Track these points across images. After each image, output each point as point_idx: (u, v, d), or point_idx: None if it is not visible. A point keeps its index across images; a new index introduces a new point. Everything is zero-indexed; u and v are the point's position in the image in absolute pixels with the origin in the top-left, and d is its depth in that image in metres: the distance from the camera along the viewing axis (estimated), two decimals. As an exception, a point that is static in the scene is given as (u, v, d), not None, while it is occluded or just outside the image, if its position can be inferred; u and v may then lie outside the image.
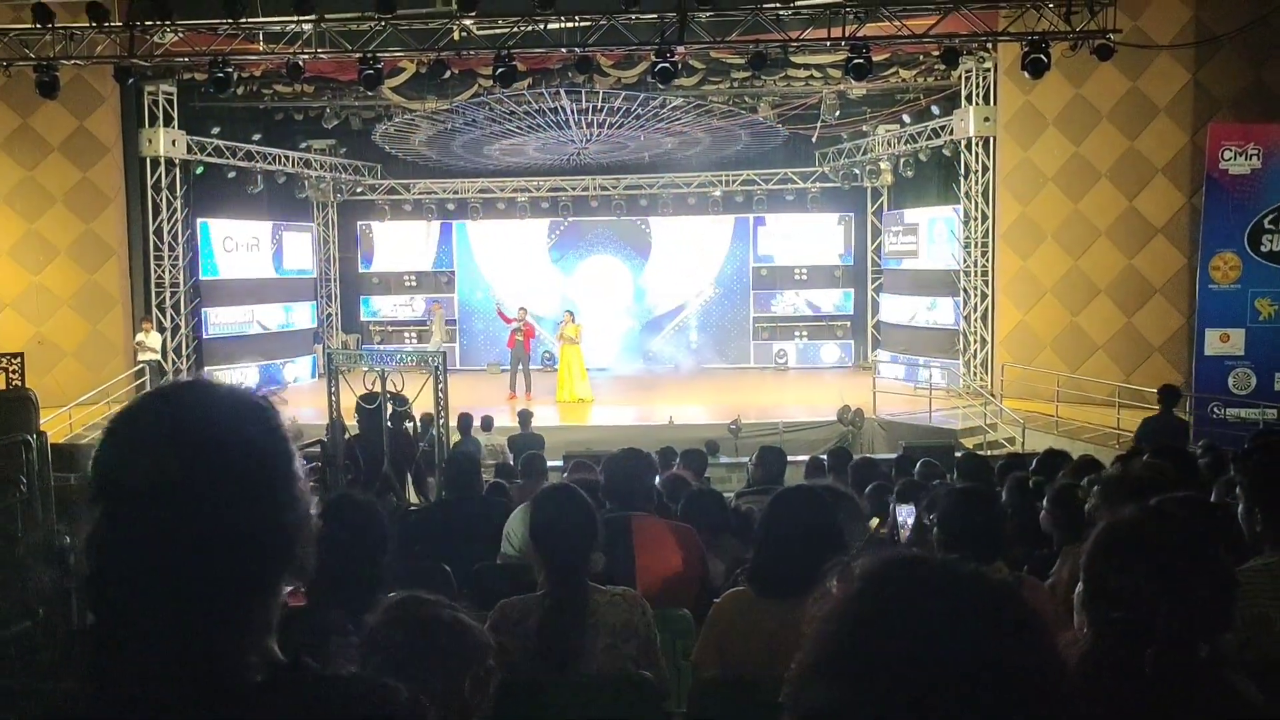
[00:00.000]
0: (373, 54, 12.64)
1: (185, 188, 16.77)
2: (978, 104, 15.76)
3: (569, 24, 12.89)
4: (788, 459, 7.03)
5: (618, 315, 21.10)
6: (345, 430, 9.20)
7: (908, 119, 18.14)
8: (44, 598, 4.65)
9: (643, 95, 15.38)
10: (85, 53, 12.99)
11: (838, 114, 18.03)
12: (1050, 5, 12.41)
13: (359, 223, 21.76)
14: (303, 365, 19.54)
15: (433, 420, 10.40)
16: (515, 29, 12.78)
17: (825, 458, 8.15)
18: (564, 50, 13.41)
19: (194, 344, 17.24)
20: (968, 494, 3.33)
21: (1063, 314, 15.41)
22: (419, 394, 9.90)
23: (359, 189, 21.35)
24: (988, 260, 16.08)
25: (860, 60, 12.24)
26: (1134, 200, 14.78)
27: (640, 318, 21.31)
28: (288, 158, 18.89)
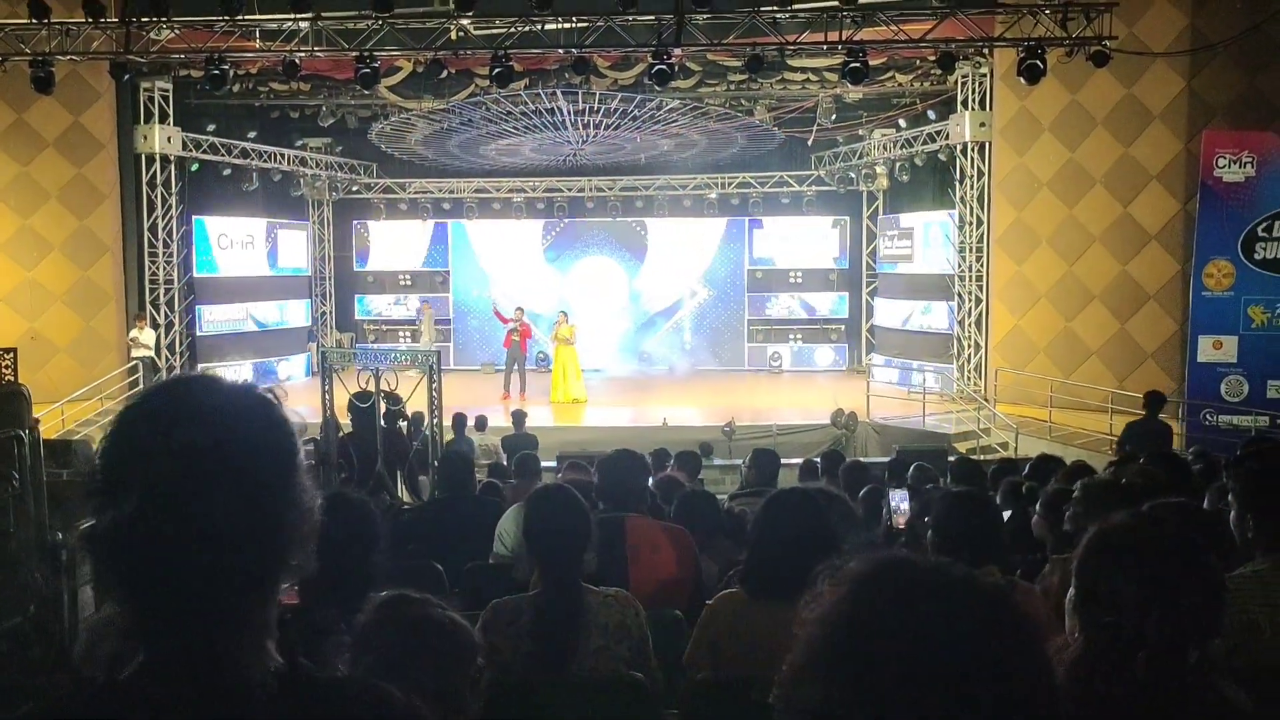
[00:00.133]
0: (369, 53, 12.64)
1: (180, 185, 16.73)
2: (973, 109, 15.78)
3: (566, 25, 12.90)
4: (781, 462, 7.03)
5: (613, 316, 21.10)
6: (339, 428, 9.20)
7: (903, 123, 18.17)
8: (36, 594, 4.64)
9: (639, 97, 15.37)
10: (81, 48, 12.97)
11: (834, 118, 18.04)
12: (1046, 11, 12.45)
13: (354, 221, 21.75)
14: (297, 363, 19.51)
15: (422, 419, 10.42)
16: (512, 29, 12.78)
17: (819, 461, 8.16)
18: (561, 51, 13.41)
19: (188, 341, 17.19)
20: (963, 498, 3.33)
21: (1057, 319, 15.43)
22: (413, 393, 9.91)
23: (355, 188, 21.32)
24: (982, 265, 16.10)
25: (857, 64, 12.27)
26: (1128, 206, 14.82)
27: (635, 319, 21.32)
28: (283, 155, 18.86)
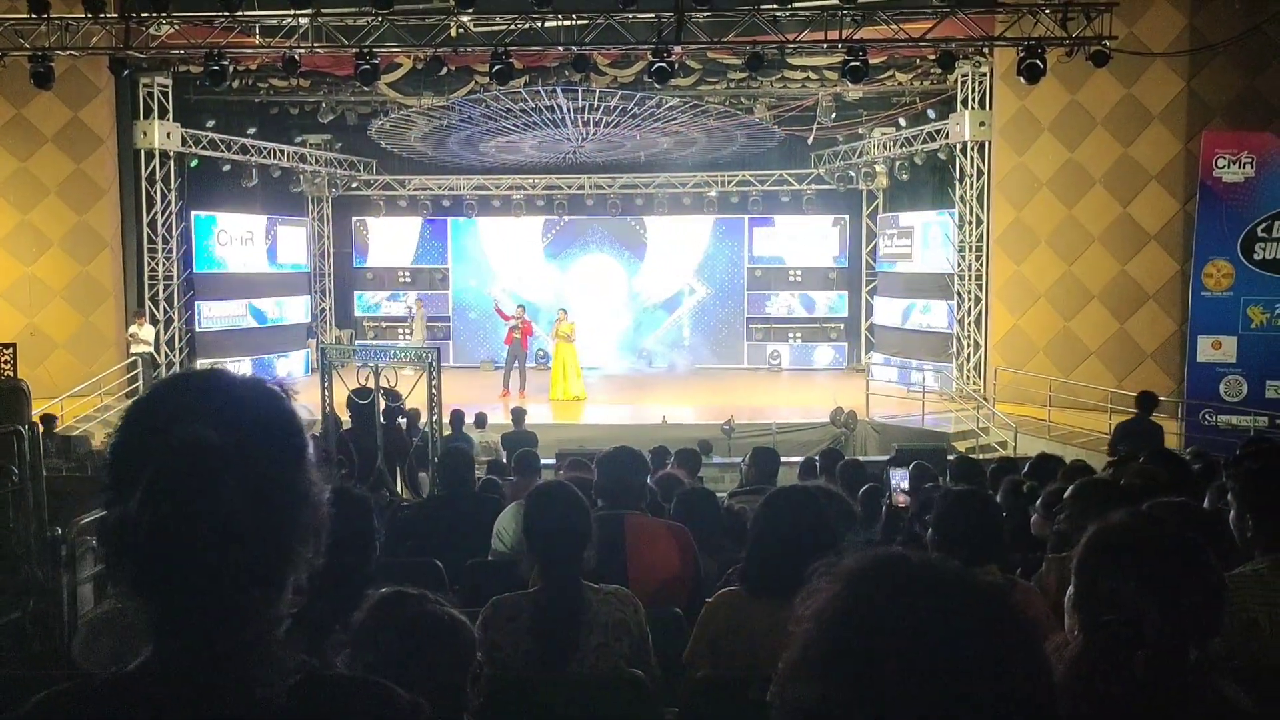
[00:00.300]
0: (369, 49, 12.64)
1: (179, 180, 16.72)
2: (973, 108, 15.78)
3: (566, 22, 12.90)
4: (781, 460, 7.03)
5: (613, 314, 21.10)
6: (340, 424, 9.21)
7: (903, 122, 18.17)
8: (35, 589, 4.64)
9: (639, 95, 15.37)
10: (80, 44, 12.96)
11: (834, 116, 18.05)
12: (1047, 11, 12.45)
13: (354, 218, 21.75)
14: (296, 360, 19.50)
15: (418, 416, 10.42)
16: (512, 26, 12.79)
17: (818, 459, 8.16)
18: (561, 48, 13.42)
19: (187, 337, 17.18)
20: (965, 497, 3.33)
21: (1056, 319, 15.44)
22: (412, 390, 9.91)
23: (354, 184, 21.31)
24: (981, 264, 16.11)
25: (857, 63, 12.28)
26: (1128, 206, 14.83)
27: (636, 313, 21.32)
28: (283, 152, 18.84)
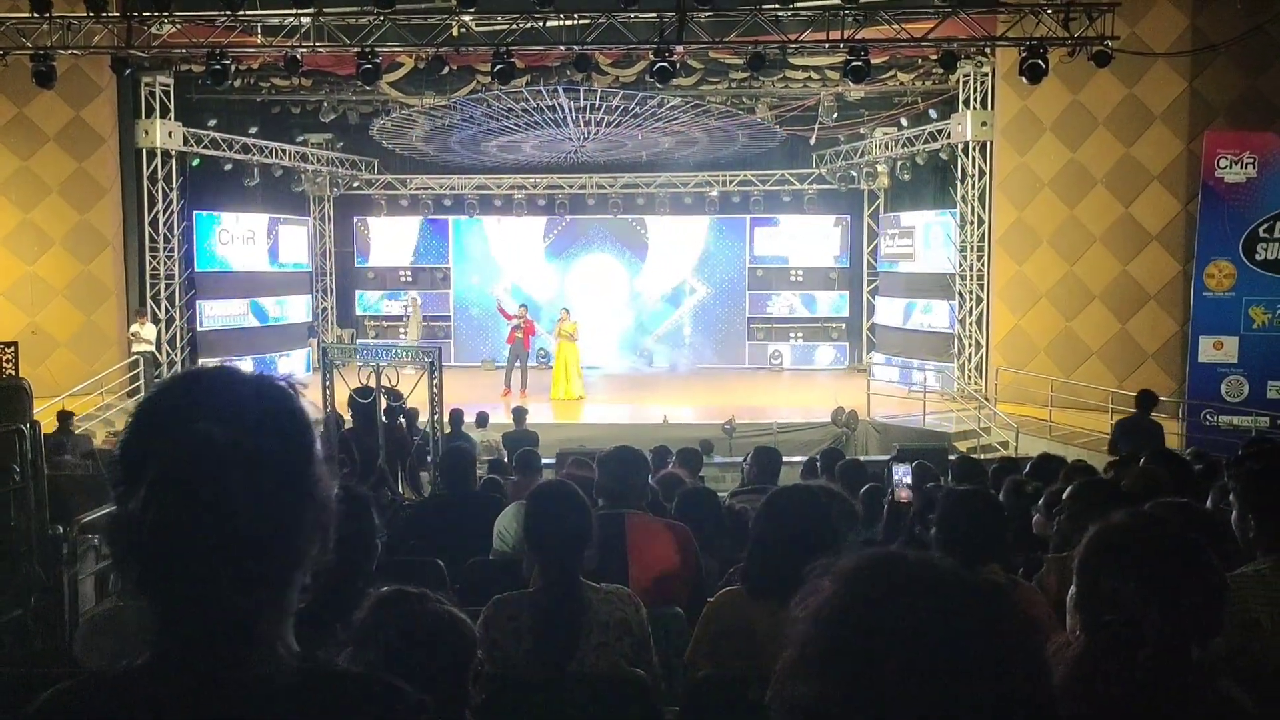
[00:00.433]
0: (371, 49, 12.64)
1: (181, 180, 16.72)
2: (975, 108, 15.77)
3: (568, 22, 12.89)
4: (783, 460, 7.02)
5: (614, 313, 21.10)
6: (343, 423, 9.22)
7: (905, 122, 18.16)
8: (37, 586, 4.65)
9: (640, 94, 15.36)
10: (82, 43, 12.96)
11: (835, 116, 18.04)
12: (1049, 11, 12.44)
13: (355, 217, 21.76)
14: (297, 359, 19.51)
15: (416, 415, 10.43)
16: (514, 26, 12.78)
17: (819, 459, 8.15)
18: (562, 48, 13.42)
19: (188, 336, 17.18)
20: (969, 496, 3.32)
21: (1057, 319, 15.43)
22: (413, 389, 9.91)
23: (356, 184, 21.32)
24: (983, 264, 16.10)
25: (859, 63, 12.27)
26: (1130, 207, 14.82)
27: (638, 309, 21.32)
28: (284, 151, 18.85)
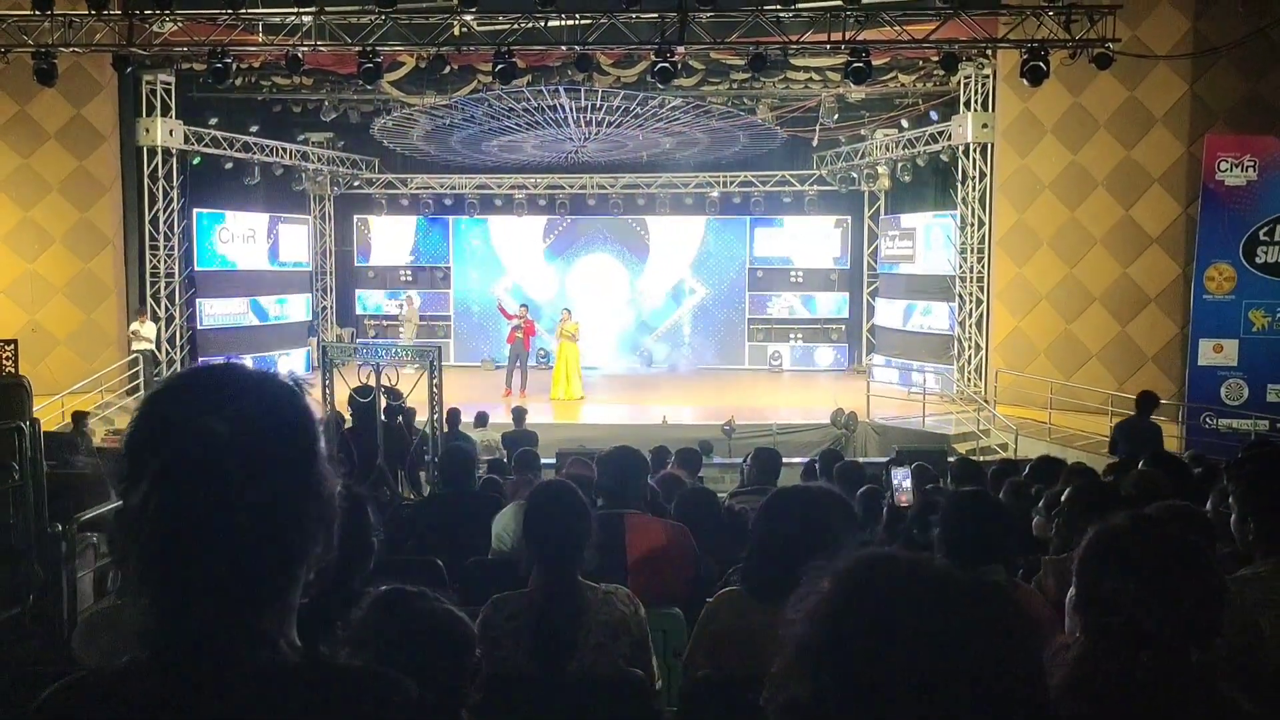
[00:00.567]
0: (372, 48, 12.63)
1: (182, 178, 16.71)
2: (976, 110, 15.77)
3: (569, 22, 12.89)
4: (783, 461, 7.02)
5: (615, 314, 21.10)
6: (344, 422, 9.22)
7: (906, 124, 18.15)
8: (35, 585, 4.64)
9: (642, 95, 15.36)
10: (84, 40, 12.96)
11: (836, 117, 18.03)
12: (1050, 13, 12.44)
13: (356, 217, 21.76)
14: (297, 358, 19.50)
15: (413, 414, 10.43)
16: (515, 26, 12.78)
17: (817, 461, 8.15)
18: (564, 48, 13.42)
19: (188, 335, 17.17)
20: (973, 497, 3.32)
21: (1057, 321, 15.43)
22: (413, 389, 9.91)
23: (356, 183, 21.32)
24: (983, 266, 16.10)
25: (860, 64, 12.27)
26: (1130, 209, 14.81)
27: (636, 316, 21.32)
28: (285, 150, 18.85)
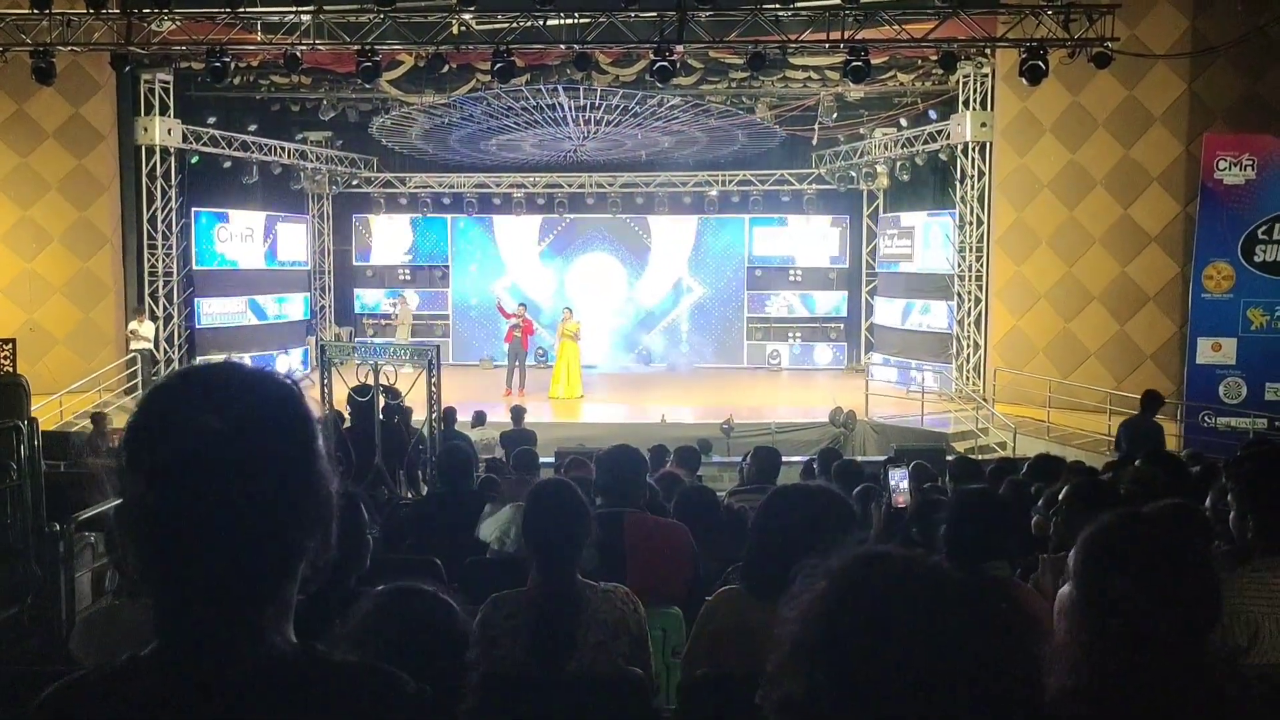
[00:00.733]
0: (371, 46, 12.62)
1: (180, 177, 16.70)
2: (975, 109, 15.77)
3: (568, 20, 12.89)
4: (782, 459, 7.02)
5: (614, 313, 21.10)
6: (342, 421, 9.22)
7: (905, 123, 18.16)
8: (33, 584, 4.64)
9: (640, 93, 15.36)
10: (82, 39, 12.94)
11: (835, 116, 18.03)
12: (1049, 12, 12.44)
13: (354, 216, 21.74)
14: (295, 357, 19.50)
15: (410, 413, 10.43)
16: (514, 24, 12.78)
17: (815, 460, 8.14)
18: (562, 47, 13.41)
19: (186, 334, 17.16)
20: (977, 495, 3.32)
21: (1056, 320, 15.43)
22: (411, 388, 9.91)
23: (355, 181, 21.31)
24: (982, 265, 16.11)
25: (859, 63, 12.26)
26: (1129, 208, 14.82)
27: (638, 308, 21.32)
28: (284, 149, 18.83)
